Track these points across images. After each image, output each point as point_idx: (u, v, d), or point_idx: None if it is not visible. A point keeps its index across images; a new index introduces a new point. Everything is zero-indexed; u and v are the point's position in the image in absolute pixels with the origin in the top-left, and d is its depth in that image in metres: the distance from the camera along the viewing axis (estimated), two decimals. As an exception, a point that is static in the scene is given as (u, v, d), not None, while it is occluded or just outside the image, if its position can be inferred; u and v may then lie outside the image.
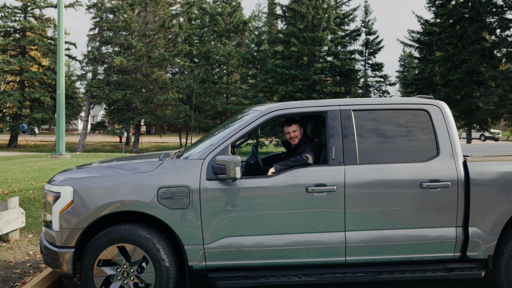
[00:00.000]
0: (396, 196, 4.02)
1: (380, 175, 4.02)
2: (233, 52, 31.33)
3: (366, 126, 4.19)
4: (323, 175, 4.00)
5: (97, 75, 30.72)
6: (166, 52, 28.67)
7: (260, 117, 4.15)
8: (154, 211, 3.88)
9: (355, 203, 4.00)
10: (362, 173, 4.02)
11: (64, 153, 14.27)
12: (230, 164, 3.77)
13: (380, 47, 28.96)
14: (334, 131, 4.12)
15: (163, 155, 4.64)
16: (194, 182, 3.92)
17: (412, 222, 4.05)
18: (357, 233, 4.02)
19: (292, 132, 4.67)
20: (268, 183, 3.97)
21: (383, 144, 4.17)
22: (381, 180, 4.02)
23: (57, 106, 13.02)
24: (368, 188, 4.00)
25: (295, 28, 26.90)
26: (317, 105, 4.23)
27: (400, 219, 4.04)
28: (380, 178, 4.02)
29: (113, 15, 31.37)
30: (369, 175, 4.02)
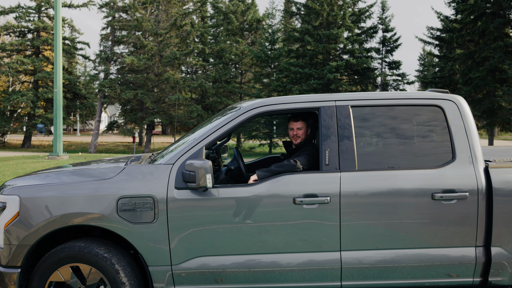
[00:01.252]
0: (402, 210, 3.35)
1: (383, 184, 3.36)
2: (246, 51, 30.74)
3: (368, 125, 3.53)
4: (314, 184, 3.36)
5: (109, 74, 30.43)
6: (178, 51, 28.22)
7: (240, 115, 3.52)
8: (113, 226, 3.28)
9: (353, 217, 3.34)
10: (361, 182, 3.37)
11: (61, 154, 13.87)
12: (199, 171, 3.15)
13: (397, 45, 28.07)
14: (328, 131, 3.47)
15: (132, 159, 4.04)
16: (161, 191, 3.31)
17: (422, 241, 3.38)
18: (355, 253, 3.37)
19: (296, 129, 4.00)
20: (248, 192, 3.34)
21: (388, 147, 3.50)
22: (384, 190, 3.35)
23: (54, 105, 12.63)
24: (369, 199, 3.34)
25: (310, 26, 26.17)
26: (308, 101, 3.58)
27: (408, 237, 3.37)
28: (383, 188, 3.35)
29: (125, 14, 31.07)
30: (369, 184, 3.36)
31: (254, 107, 3.53)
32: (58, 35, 11.83)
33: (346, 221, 3.33)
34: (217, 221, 3.32)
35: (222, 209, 3.32)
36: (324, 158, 3.41)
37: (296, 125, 4.00)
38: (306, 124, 4.03)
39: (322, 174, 3.39)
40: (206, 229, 3.31)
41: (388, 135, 3.51)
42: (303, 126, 4.01)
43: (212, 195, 3.32)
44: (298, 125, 4.00)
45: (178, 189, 3.32)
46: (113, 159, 4.44)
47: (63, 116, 31.51)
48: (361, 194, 3.34)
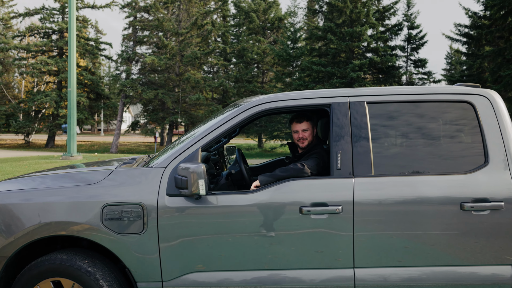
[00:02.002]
0: (426, 221, 2.91)
1: (404, 192, 2.93)
2: (267, 50, 30.34)
3: (386, 124, 3.10)
4: (324, 191, 2.94)
5: (131, 75, 30.46)
6: (198, 50, 28.02)
7: (241, 112, 3.13)
8: (97, 236, 2.93)
9: (368, 230, 2.91)
10: (378, 189, 2.94)
11: (75, 155, 13.70)
12: (192, 176, 2.77)
13: (423, 42, 27.22)
14: (341, 131, 3.05)
15: (126, 161, 3.70)
16: (150, 198, 2.95)
17: (449, 257, 2.93)
18: (371, 271, 2.94)
19: (301, 132, 3.60)
20: (249, 200, 2.95)
21: (409, 149, 3.07)
22: (405, 198, 2.92)
23: (68, 105, 12.47)
24: (387, 209, 2.91)
25: (332, 24, 25.59)
26: (318, 96, 3.17)
27: (432, 253, 2.92)
28: (404, 196, 2.92)
29: (147, 14, 31.05)
30: (388, 191, 2.93)
31: (257, 104, 3.14)
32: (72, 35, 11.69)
33: (360, 234, 2.91)
34: (213, 232, 2.94)
35: (219, 219, 2.94)
36: (336, 161, 3.00)
37: (300, 126, 3.60)
38: (311, 124, 3.62)
39: (333, 180, 2.98)
40: (201, 241, 2.94)
41: (409, 136, 3.08)
42: (308, 127, 3.60)
43: (208, 203, 2.94)
44: (303, 127, 3.60)
45: (170, 196, 2.95)
46: (113, 160, 4.11)
47: (85, 116, 31.92)
48: (378, 203, 2.91)
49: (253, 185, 3.12)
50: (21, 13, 33.50)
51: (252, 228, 2.92)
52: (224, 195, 2.98)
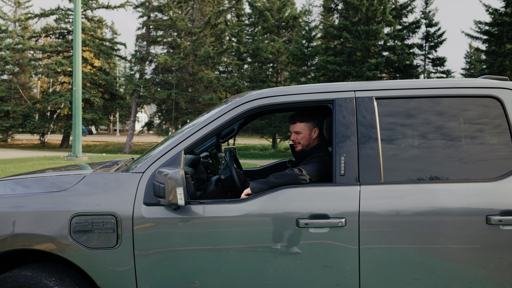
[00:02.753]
0: (444, 237, 2.48)
1: (418, 202, 2.50)
2: (282, 49, 29.90)
3: (398, 123, 2.67)
4: (324, 201, 2.54)
5: (144, 75, 30.32)
6: (212, 50, 27.73)
7: (231, 109, 2.74)
8: (65, 251, 2.57)
9: (377, 247, 2.50)
10: (388, 199, 2.52)
11: (81, 155, 13.43)
12: (169, 183, 2.39)
13: (442, 40, 26.48)
14: (345, 130, 2.64)
15: (107, 164, 3.34)
16: (125, 207, 2.58)
17: (474, 281, 2.49)
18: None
19: (294, 134, 3.20)
20: (237, 211, 2.55)
21: (426, 152, 2.64)
22: (420, 210, 2.49)
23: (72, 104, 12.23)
24: (398, 223, 2.49)
25: (348, 22, 25.05)
26: (319, 91, 2.76)
27: (452, 275, 2.49)
28: (419, 208, 2.49)
29: (161, 14, 30.87)
30: (400, 201, 2.51)
31: (248, 100, 2.75)
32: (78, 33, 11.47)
33: (368, 252, 2.49)
34: (196, 248, 2.55)
35: (203, 233, 2.55)
36: (339, 166, 2.59)
37: (293, 128, 3.18)
38: (309, 126, 3.17)
39: (336, 188, 2.57)
40: (182, 258, 2.55)
41: (426, 137, 2.65)
42: (303, 129, 3.16)
43: (190, 214, 2.56)
44: (295, 128, 3.17)
45: (147, 205, 2.57)
46: (106, 162, 3.76)
47: (99, 116, 31.91)
48: (388, 216, 2.49)
49: (243, 193, 2.72)
50: (36, 14, 33.65)
51: (241, 244, 2.53)
52: (209, 204, 2.59)
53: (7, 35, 33.83)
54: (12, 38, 35.09)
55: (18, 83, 36.96)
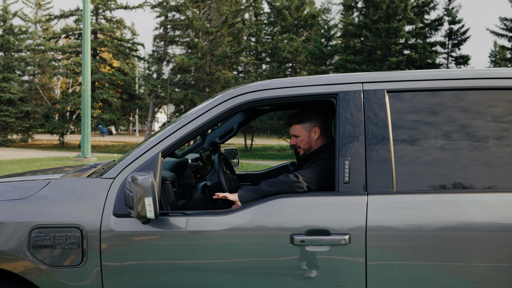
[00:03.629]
0: (471, 258, 2.05)
1: (439, 215, 2.08)
2: (300, 48, 29.42)
3: (414, 120, 2.25)
4: (325, 213, 2.13)
5: (162, 75, 30.21)
6: (229, 49, 27.42)
7: (217, 104, 2.36)
8: (23, 269, 2.22)
9: (386, 268, 2.08)
10: (402, 211, 2.10)
11: (89, 156, 13.20)
12: (137, 191, 2.02)
13: (465, 38, 25.63)
14: (350, 129, 2.23)
15: (84, 168, 2.98)
16: (92, 219, 2.22)
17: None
18: None
19: (293, 137, 2.81)
20: (222, 225, 2.17)
21: (447, 155, 2.21)
22: (441, 225, 2.07)
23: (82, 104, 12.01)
24: (413, 240, 2.07)
25: (368, 20, 24.44)
26: (320, 83, 2.35)
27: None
28: (439, 222, 2.07)
29: (178, 13, 30.73)
30: (416, 215, 2.09)
31: (238, 94, 2.36)
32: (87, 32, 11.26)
33: (375, 274, 2.07)
34: (173, 267, 2.17)
35: (181, 250, 2.17)
36: (343, 171, 2.18)
37: (290, 131, 2.80)
38: (306, 127, 2.76)
39: (338, 198, 2.16)
40: (157, 279, 2.18)
41: (448, 137, 2.22)
42: (300, 132, 2.76)
43: (167, 227, 2.18)
44: (292, 131, 2.79)
45: (117, 217, 2.21)
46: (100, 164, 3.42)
47: (117, 117, 31.92)
48: (400, 231, 2.07)
49: (230, 196, 2.33)
50: (56, 15, 33.89)
51: (225, 263, 2.14)
52: (189, 216, 2.21)
53: (27, 36, 34.15)
54: (32, 39, 35.46)
55: (39, 84, 37.32)
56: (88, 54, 11.75)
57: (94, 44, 32.18)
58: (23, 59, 33.22)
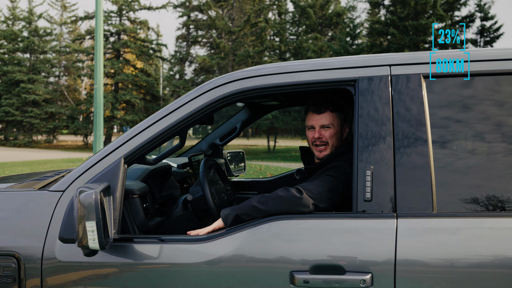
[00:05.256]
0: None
1: (503, 246, 1.48)
2: (325, 47, 28.71)
3: (464, 116, 1.65)
4: (337, 243, 1.56)
5: (184, 75, 29.97)
6: (252, 49, 26.94)
7: (195, 97, 1.81)
8: None
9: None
10: (445, 241, 1.51)
11: None
12: (77, 211, 1.48)
13: (499, 35, 24.52)
14: (373, 127, 1.65)
15: (47, 175, 2.47)
16: (32, 244, 1.70)
17: None
18: None
19: (319, 129, 2.11)
20: (199, 256, 1.62)
21: (508, 162, 1.60)
22: (506, 261, 1.47)
23: (94, 103, 11.64)
24: (465, 283, 1.47)
25: (395, 17, 23.59)
26: (333, 66, 1.77)
27: None
28: (504, 258, 1.47)
29: (201, 14, 30.46)
30: (468, 246, 1.50)
31: (221, 83, 1.80)
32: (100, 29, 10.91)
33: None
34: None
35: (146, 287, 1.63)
36: (363, 185, 1.60)
37: (320, 119, 2.10)
38: (341, 119, 2.14)
39: (357, 222, 1.58)
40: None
41: (509, 139, 1.61)
42: (334, 121, 2.10)
43: (128, 258, 1.65)
44: (323, 120, 2.10)
45: (64, 242, 1.68)
46: None
47: (140, 118, 31.79)
48: (444, 267, 1.49)
49: (212, 225, 1.77)
50: (81, 16, 34.06)
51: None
52: (157, 244, 1.67)
53: (52, 37, 34.45)
54: (58, 41, 35.77)
55: (64, 85, 37.64)
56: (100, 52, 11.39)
57: (118, 45, 32.18)
58: (48, 60, 33.51)
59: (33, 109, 31.68)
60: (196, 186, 2.23)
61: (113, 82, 33.55)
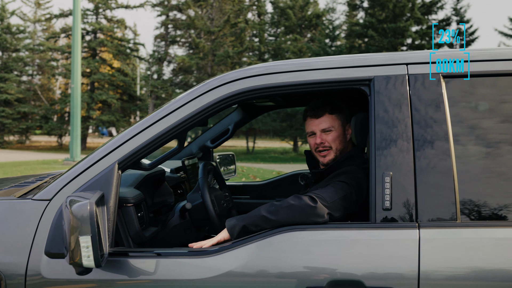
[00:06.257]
0: None
1: None
2: (304, 49, 28.76)
3: (487, 118, 1.55)
4: (354, 256, 1.44)
5: (162, 75, 29.59)
6: (231, 49, 26.78)
7: (201, 94, 1.66)
8: None
9: None
10: (472, 252, 1.40)
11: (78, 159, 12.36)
12: (69, 224, 1.32)
13: (474, 38, 24.96)
14: (391, 131, 1.53)
15: (28, 181, 2.28)
16: (15, 260, 1.53)
17: None
18: None
19: (320, 134, 1.99)
20: (204, 271, 1.47)
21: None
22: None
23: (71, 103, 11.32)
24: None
25: (374, 19, 23.77)
26: (347, 65, 1.65)
27: None
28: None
29: (180, 13, 30.12)
30: (491, 257, 1.39)
31: (232, 79, 1.66)
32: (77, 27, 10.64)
33: None
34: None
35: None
36: (382, 192, 1.48)
37: (319, 124, 1.99)
38: (342, 120, 2.03)
39: (376, 232, 1.46)
40: None
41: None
42: (334, 124, 1.99)
43: (123, 274, 1.49)
44: (322, 124, 1.98)
45: (51, 257, 1.51)
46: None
47: (117, 118, 31.28)
48: (473, 281, 1.38)
49: (217, 237, 1.62)
50: (56, 14, 33.31)
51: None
52: (156, 258, 1.51)
53: (25, 35, 33.59)
54: (31, 38, 34.90)
55: (37, 85, 36.75)
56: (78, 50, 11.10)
57: (94, 44, 31.58)
58: (21, 59, 32.65)
59: (5, 108, 30.76)
60: (194, 192, 2.07)
61: (89, 81, 32.90)
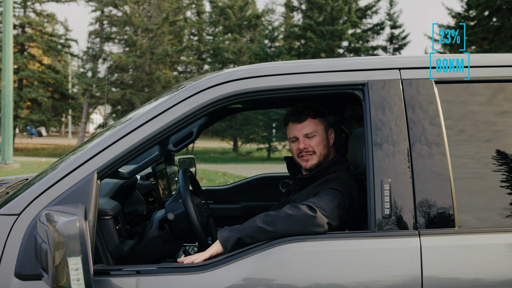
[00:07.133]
0: None
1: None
2: (244, 49, 28.81)
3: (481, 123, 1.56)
4: (354, 267, 1.39)
5: (97, 73, 28.50)
6: (170, 48, 26.28)
7: (187, 98, 1.55)
8: None
9: None
10: (471, 259, 1.40)
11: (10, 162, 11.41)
12: (54, 243, 1.17)
13: (406, 42, 26.23)
14: (388, 136, 1.50)
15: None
16: (-21, 285, 1.34)
17: None
18: None
19: (303, 139, 1.94)
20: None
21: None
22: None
23: (2, 102, 10.61)
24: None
25: (312, 21, 24.29)
26: (339, 68, 1.61)
27: None
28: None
29: (116, 9, 29.14)
30: (493, 263, 1.39)
31: (218, 82, 1.56)
32: (8, 21, 9.99)
33: None
34: None
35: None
36: (381, 200, 1.44)
37: (301, 129, 1.94)
38: (325, 124, 2.00)
39: (377, 241, 1.42)
40: None
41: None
42: (318, 129, 1.95)
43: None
44: (305, 129, 1.94)
45: (22, 279, 1.34)
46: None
47: (48, 118, 29.75)
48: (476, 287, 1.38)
49: (205, 254, 1.51)
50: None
51: None
52: (142, 276, 1.38)
53: None
54: None
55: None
56: (9, 45, 10.41)
57: (22, 39, 29.84)
58: None
59: None
60: (173, 201, 1.93)
61: (16, 78, 31.04)
